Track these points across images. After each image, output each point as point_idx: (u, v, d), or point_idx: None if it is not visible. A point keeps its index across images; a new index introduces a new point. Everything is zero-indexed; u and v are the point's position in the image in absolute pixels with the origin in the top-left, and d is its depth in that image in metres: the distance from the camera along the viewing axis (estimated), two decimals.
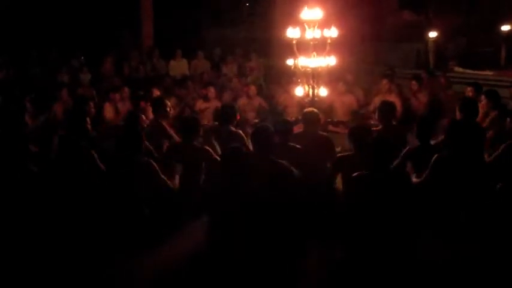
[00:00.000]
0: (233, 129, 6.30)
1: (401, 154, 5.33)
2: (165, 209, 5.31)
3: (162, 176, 5.23)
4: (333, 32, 7.07)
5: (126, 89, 8.89)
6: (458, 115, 6.34)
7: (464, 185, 4.74)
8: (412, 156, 5.29)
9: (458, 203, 4.70)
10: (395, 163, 4.98)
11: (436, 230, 4.69)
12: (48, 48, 11.78)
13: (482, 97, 6.94)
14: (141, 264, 4.69)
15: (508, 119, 6.02)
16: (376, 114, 6.28)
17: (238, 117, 6.50)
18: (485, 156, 5.39)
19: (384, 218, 4.35)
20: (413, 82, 9.28)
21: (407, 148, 5.43)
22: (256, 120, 8.91)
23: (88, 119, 6.54)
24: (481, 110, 6.82)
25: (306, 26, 7.08)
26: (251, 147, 5.61)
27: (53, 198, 5.08)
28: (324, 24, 7.12)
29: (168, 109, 6.94)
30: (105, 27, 13.39)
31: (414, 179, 5.02)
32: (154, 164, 5.24)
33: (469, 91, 7.87)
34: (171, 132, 6.65)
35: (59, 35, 12.64)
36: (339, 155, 5.63)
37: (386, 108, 6.25)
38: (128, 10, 13.70)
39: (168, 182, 5.28)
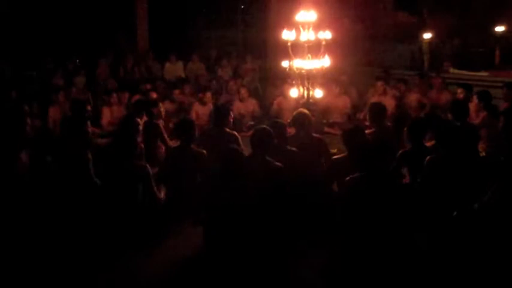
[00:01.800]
0: (228, 130, 6.31)
1: (397, 156, 5.34)
2: (161, 212, 5.33)
3: (153, 184, 5.29)
4: (327, 34, 7.08)
5: (126, 95, 8.90)
6: (449, 116, 6.40)
7: (459, 185, 4.76)
8: (406, 159, 5.31)
9: (453, 203, 4.72)
10: (392, 166, 5.01)
11: (431, 230, 4.71)
12: (44, 51, 11.77)
13: (474, 97, 6.97)
14: (139, 265, 4.70)
15: (502, 118, 6.06)
16: (368, 116, 6.29)
17: (231, 118, 6.51)
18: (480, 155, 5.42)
19: (378, 219, 4.37)
20: (408, 82, 9.32)
21: (401, 151, 5.45)
22: (252, 123, 8.93)
23: (88, 122, 6.59)
24: (472, 110, 6.87)
25: (301, 28, 7.10)
26: (246, 149, 5.64)
27: (50, 200, 5.10)
28: (318, 26, 7.14)
29: (161, 112, 6.98)
30: (100, 29, 13.37)
31: (406, 180, 5.06)
32: (149, 170, 5.27)
33: (460, 92, 7.93)
34: (165, 134, 6.66)
35: (54, 38, 12.62)
36: (334, 157, 5.64)
37: (377, 109, 6.27)
38: (123, 12, 13.69)
39: (157, 192, 5.34)
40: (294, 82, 7.57)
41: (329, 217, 5.05)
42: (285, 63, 7.34)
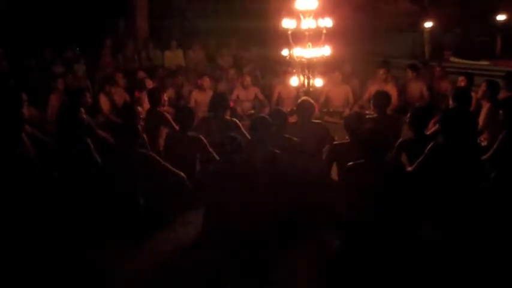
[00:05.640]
0: (228, 117, 6.32)
1: (396, 145, 5.34)
2: (160, 199, 5.32)
3: (164, 163, 5.23)
4: (327, 22, 7.05)
5: (120, 75, 8.85)
6: (451, 104, 6.39)
7: (459, 172, 4.78)
8: (406, 147, 5.31)
9: (454, 190, 4.73)
10: (390, 155, 5.01)
11: (432, 218, 4.72)
12: (43, 40, 11.71)
13: (483, 85, 6.87)
14: (137, 254, 4.70)
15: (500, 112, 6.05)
16: (371, 103, 6.29)
17: (231, 105, 6.50)
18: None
19: (380, 206, 4.37)
20: (410, 70, 9.29)
21: (401, 139, 5.44)
22: (252, 111, 8.92)
23: (83, 109, 6.56)
24: (475, 96, 6.85)
25: (301, 16, 7.06)
26: (247, 137, 5.64)
27: (48, 187, 5.10)
28: (319, 14, 7.10)
29: (164, 100, 6.96)
30: (99, 16, 13.29)
31: (408, 168, 5.07)
32: (153, 154, 5.25)
33: (461, 81, 7.89)
34: (171, 119, 6.64)
35: (53, 26, 12.55)
36: (334, 143, 5.65)
37: (381, 97, 6.27)
38: (122, 0, 13.63)
39: (173, 168, 5.28)
40: (294, 71, 7.55)
41: (328, 205, 5.06)
42: (285, 52, 7.31)
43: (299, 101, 6.19)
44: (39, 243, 4.72)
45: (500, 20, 12.19)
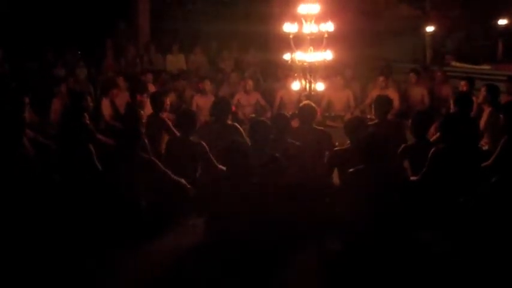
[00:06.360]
0: (229, 122, 6.32)
1: (399, 151, 5.34)
2: (162, 203, 5.33)
3: (165, 170, 5.24)
4: (329, 27, 7.06)
5: (122, 79, 8.86)
6: (453, 109, 6.39)
7: (462, 177, 4.78)
8: (409, 153, 5.31)
9: (455, 194, 4.74)
10: (394, 159, 5.02)
11: (434, 223, 4.72)
12: (44, 42, 11.72)
13: (482, 89, 6.89)
14: (138, 256, 4.70)
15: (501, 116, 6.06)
16: (372, 108, 6.30)
17: (233, 109, 6.49)
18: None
19: (380, 210, 4.38)
20: (412, 74, 9.30)
21: (403, 146, 5.44)
22: (254, 115, 8.92)
23: (86, 114, 6.56)
24: (476, 101, 6.86)
25: (303, 20, 7.07)
26: (248, 141, 5.64)
27: (49, 190, 5.11)
28: (321, 18, 7.11)
29: (166, 105, 6.97)
30: (100, 19, 13.29)
31: (412, 177, 5.06)
32: (154, 159, 5.26)
33: (463, 85, 7.91)
34: (172, 126, 6.64)
35: (54, 28, 12.55)
36: (335, 148, 5.65)
37: (382, 102, 6.27)
38: (124, 3, 13.63)
39: (173, 176, 5.29)
40: (295, 75, 7.55)
41: (329, 209, 5.06)
42: (287, 56, 7.32)
43: (301, 105, 6.19)
44: (40, 245, 4.72)
45: (501, 25, 12.23)
